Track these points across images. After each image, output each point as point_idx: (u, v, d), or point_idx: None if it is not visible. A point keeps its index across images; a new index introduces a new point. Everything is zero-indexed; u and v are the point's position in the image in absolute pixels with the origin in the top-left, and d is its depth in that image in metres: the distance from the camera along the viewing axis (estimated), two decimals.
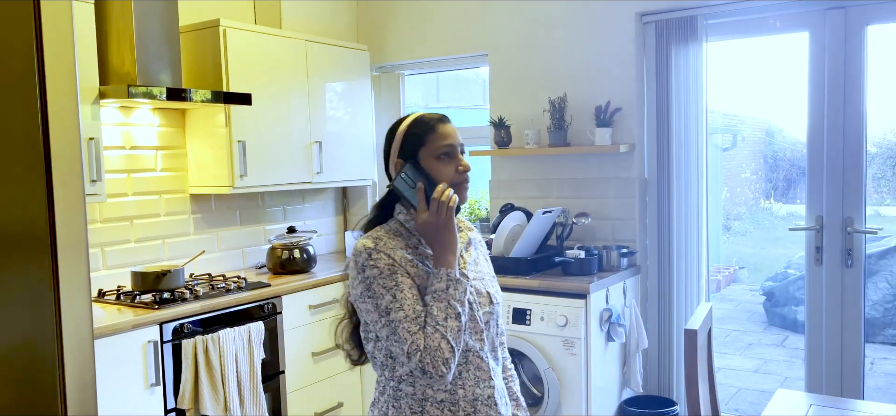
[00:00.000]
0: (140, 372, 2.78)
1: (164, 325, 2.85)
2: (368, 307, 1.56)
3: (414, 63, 4.34)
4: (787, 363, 5.37)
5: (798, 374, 5.04)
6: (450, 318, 1.53)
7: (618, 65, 3.58)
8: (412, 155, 1.64)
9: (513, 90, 3.90)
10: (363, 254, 1.57)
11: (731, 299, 6.20)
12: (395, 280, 1.54)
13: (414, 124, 1.66)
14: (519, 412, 1.77)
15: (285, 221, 4.15)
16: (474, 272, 1.70)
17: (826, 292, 3.26)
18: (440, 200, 1.57)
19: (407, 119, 1.69)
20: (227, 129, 3.44)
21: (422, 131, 1.64)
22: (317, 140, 3.89)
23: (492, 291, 1.70)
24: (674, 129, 3.45)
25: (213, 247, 3.78)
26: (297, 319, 3.43)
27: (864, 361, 3.26)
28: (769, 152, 5.09)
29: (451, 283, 1.55)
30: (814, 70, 3.23)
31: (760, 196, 5.23)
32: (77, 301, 1.03)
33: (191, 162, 3.62)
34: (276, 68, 3.67)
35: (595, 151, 3.57)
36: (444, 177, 1.62)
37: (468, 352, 1.61)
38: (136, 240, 3.43)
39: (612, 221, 3.67)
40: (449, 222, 1.59)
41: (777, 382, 5.03)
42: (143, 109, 3.42)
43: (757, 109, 4.94)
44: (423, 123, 1.66)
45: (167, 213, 3.56)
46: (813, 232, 3.29)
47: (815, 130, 3.25)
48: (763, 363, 5.39)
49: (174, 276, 3.07)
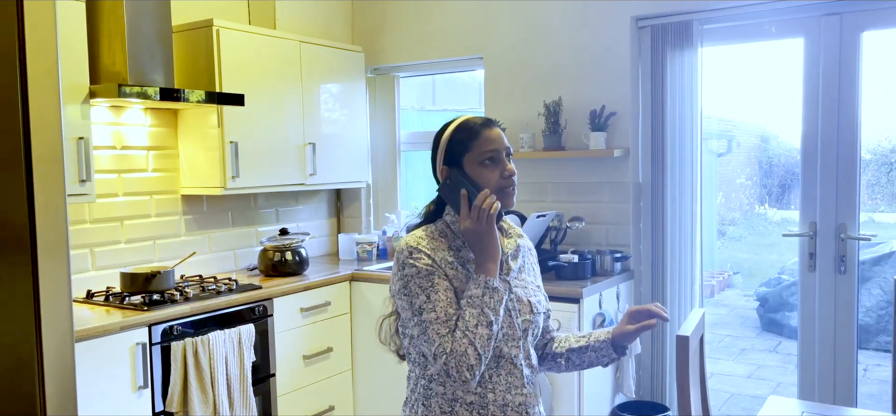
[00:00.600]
0: (128, 374, 2.75)
1: (153, 327, 2.82)
2: (404, 304, 1.60)
3: (409, 65, 4.32)
4: (780, 368, 5.37)
5: (791, 380, 5.03)
6: (481, 325, 1.54)
7: (613, 69, 3.57)
8: (457, 161, 1.65)
9: (508, 93, 3.88)
10: (404, 252, 1.61)
11: (725, 305, 6.21)
12: (432, 281, 1.56)
13: (458, 130, 1.67)
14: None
15: (278, 222, 4.13)
16: (517, 280, 1.70)
17: (819, 298, 3.26)
18: (481, 207, 1.58)
19: (452, 124, 1.70)
20: (220, 129, 3.42)
21: (466, 137, 1.65)
22: (310, 142, 3.87)
23: (534, 300, 1.70)
24: (668, 134, 3.44)
25: (205, 248, 3.75)
26: (288, 321, 3.40)
27: (857, 368, 3.25)
28: (764, 158, 5.10)
29: (487, 290, 1.56)
30: (809, 76, 3.23)
31: (755, 202, 5.25)
32: (57, 303, 1.01)
33: (182, 163, 3.59)
34: (269, 69, 3.65)
35: (590, 156, 3.56)
36: (489, 183, 1.63)
37: (501, 358, 1.62)
38: (127, 241, 3.40)
39: (606, 225, 3.66)
40: (490, 230, 1.59)
41: (770, 388, 5.03)
42: (134, 109, 3.39)
43: (752, 114, 4.94)
44: (468, 129, 1.66)
45: (158, 214, 3.53)
46: (806, 238, 3.28)
47: (809, 136, 3.25)
48: (756, 368, 5.39)
49: (164, 277, 3.05)
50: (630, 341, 1.71)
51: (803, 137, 3.26)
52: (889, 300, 4.47)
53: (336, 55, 4.05)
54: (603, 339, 1.74)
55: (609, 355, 1.73)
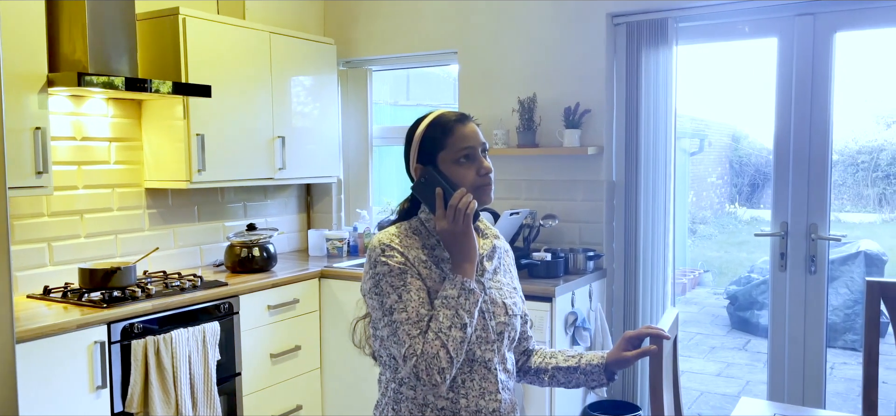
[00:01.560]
0: (85, 374, 2.65)
1: (112, 325, 2.72)
2: (374, 304, 1.55)
3: (382, 59, 4.25)
4: (750, 366, 5.42)
5: (760, 378, 5.07)
6: (455, 327, 1.49)
7: (588, 66, 3.54)
8: (431, 159, 1.60)
9: (482, 89, 3.84)
10: (376, 249, 1.55)
11: (696, 303, 6.24)
12: (404, 280, 1.51)
13: (432, 127, 1.61)
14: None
15: (246, 218, 4.03)
16: (492, 282, 1.65)
17: (790, 298, 3.26)
18: (457, 206, 1.53)
19: (425, 120, 1.63)
20: (186, 121, 3.32)
21: (440, 134, 1.60)
22: (280, 135, 3.78)
23: (509, 302, 1.65)
24: (643, 132, 3.42)
25: (170, 244, 3.64)
26: (255, 319, 3.32)
27: (826, 368, 3.27)
28: (735, 157, 5.14)
29: (463, 292, 1.51)
30: (782, 76, 3.23)
31: (725, 200, 5.27)
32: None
33: (146, 155, 3.48)
34: (238, 60, 3.55)
35: (564, 153, 3.53)
36: (465, 180, 1.58)
37: (473, 362, 1.57)
38: (87, 235, 3.28)
39: (579, 223, 3.63)
40: (467, 230, 1.54)
41: (739, 386, 5.06)
42: (95, 99, 3.28)
43: (724, 114, 4.97)
44: (442, 126, 1.60)
45: (120, 207, 3.42)
46: (778, 238, 3.28)
47: (781, 136, 3.25)
48: (726, 366, 5.43)
49: (125, 273, 2.94)
50: (626, 367, 1.67)
51: (776, 137, 3.26)
52: (855, 300, 4.52)
53: (307, 47, 3.97)
54: (596, 363, 1.68)
55: (600, 380, 1.67)
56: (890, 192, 3.92)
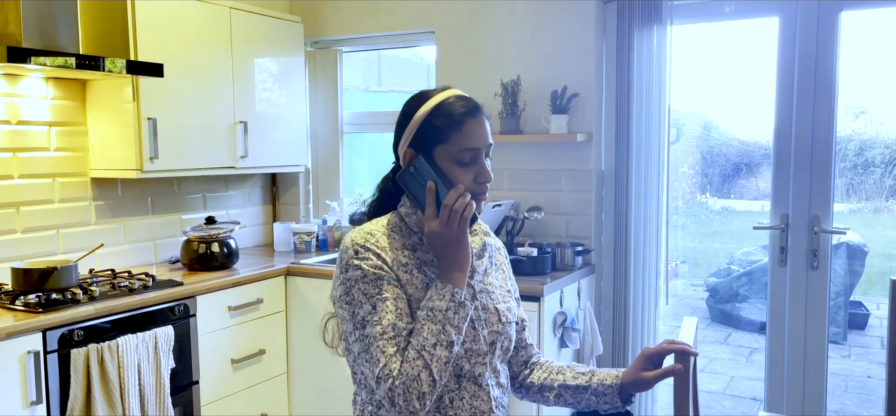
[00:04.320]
0: (18, 388, 2.33)
1: (48, 332, 2.40)
2: (345, 315, 1.32)
3: (353, 39, 3.96)
4: (733, 361, 5.30)
5: (745, 373, 4.93)
6: (440, 345, 1.25)
7: (576, 47, 3.30)
8: (427, 149, 1.34)
9: (462, 71, 3.57)
10: (349, 251, 1.33)
11: (673, 295, 6.12)
12: (379, 287, 1.29)
13: (437, 113, 1.35)
14: None
15: (205, 210, 3.72)
16: (482, 285, 1.41)
17: (790, 294, 3.07)
18: (453, 207, 1.29)
19: (431, 101, 1.37)
20: (135, 104, 3.00)
21: (445, 125, 1.34)
22: (241, 120, 3.47)
23: (502, 307, 1.41)
24: (634, 118, 3.20)
25: (120, 239, 3.32)
26: (214, 322, 3.02)
27: (828, 367, 3.09)
28: (706, 147, 5.06)
29: (453, 305, 1.28)
30: (783, 58, 3.02)
31: (697, 190, 5.19)
32: None
33: (92, 141, 3.15)
34: (193, 38, 3.23)
35: (550, 140, 3.29)
36: (462, 182, 1.34)
37: (461, 377, 1.34)
38: (24, 230, 2.95)
39: (566, 216, 3.40)
40: (461, 236, 1.31)
41: (724, 382, 4.91)
42: (32, 78, 2.94)
43: (697, 103, 4.89)
44: (449, 115, 1.34)
45: (62, 199, 3.09)
46: (777, 231, 3.09)
47: (782, 123, 3.04)
48: (708, 361, 5.29)
49: (64, 273, 2.62)
50: (645, 390, 1.43)
51: (776, 123, 3.06)
52: (837, 292, 4.38)
53: (271, 25, 3.66)
54: (609, 383, 1.44)
55: (614, 403, 1.44)
56: (857, 182, 3.84)
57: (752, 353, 5.38)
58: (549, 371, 1.52)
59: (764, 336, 3.12)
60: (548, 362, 1.55)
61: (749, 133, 4.60)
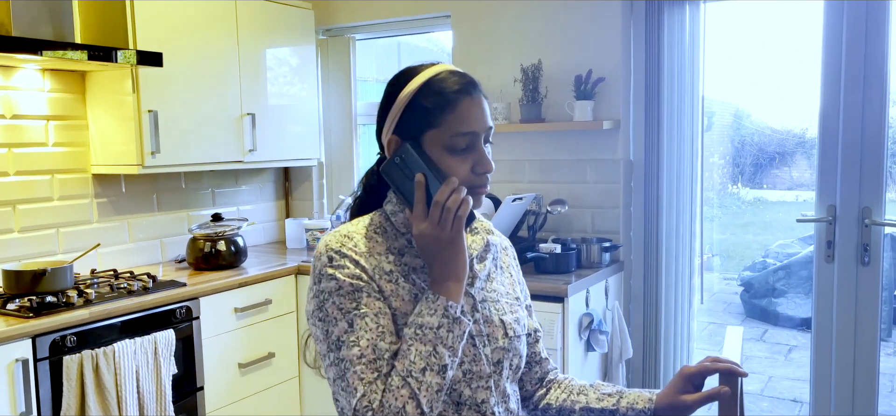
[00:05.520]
0: (6, 398, 2.20)
1: (38, 338, 2.26)
2: (318, 334, 1.12)
3: (366, 25, 3.77)
4: (770, 360, 5.05)
5: (782, 372, 4.67)
6: (430, 370, 1.05)
7: (601, 28, 3.07)
8: (414, 134, 1.14)
9: (479, 57, 3.37)
10: (322, 258, 1.13)
11: (706, 289, 5.89)
12: (357, 301, 1.09)
13: (426, 91, 1.14)
14: None
15: (214, 206, 3.57)
16: (484, 293, 1.21)
17: (838, 292, 2.82)
18: (446, 205, 1.08)
19: (418, 78, 1.16)
20: (135, 96, 2.85)
21: (436, 105, 1.13)
22: (249, 112, 3.31)
23: (509, 318, 1.20)
24: (665, 103, 2.97)
25: (124, 237, 3.19)
26: (219, 324, 2.87)
27: (879, 370, 2.84)
28: (737, 136, 4.85)
29: (446, 321, 1.07)
30: (829, 42, 2.76)
31: (728, 181, 4.99)
32: None
33: (93, 136, 3.01)
34: (196, 26, 3.07)
35: (574, 128, 3.07)
36: (455, 174, 1.13)
37: (462, 406, 1.14)
38: (21, 230, 2.82)
39: (591, 209, 3.18)
40: (456, 238, 1.10)
41: (762, 383, 4.66)
42: (27, 70, 2.81)
43: (727, 91, 4.70)
44: (440, 94, 1.14)
45: (62, 197, 2.96)
46: (824, 224, 2.84)
47: (829, 108, 2.79)
48: (744, 360, 5.03)
49: (58, 275, 2.48)
50: (685, 415, 1.21)
51: (822, 111, 2.80)
52: (884, 286, 4.12)
53: (280, 12, 3.49)
54: (641, 407, 1.23)
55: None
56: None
57: (790, 351, 5.13)
58: (570, 391, 1.32)
59: (802, 333, 2.90)
60: (567, 379, 1.34)
61: (782, 121, 4.43)
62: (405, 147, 1.13)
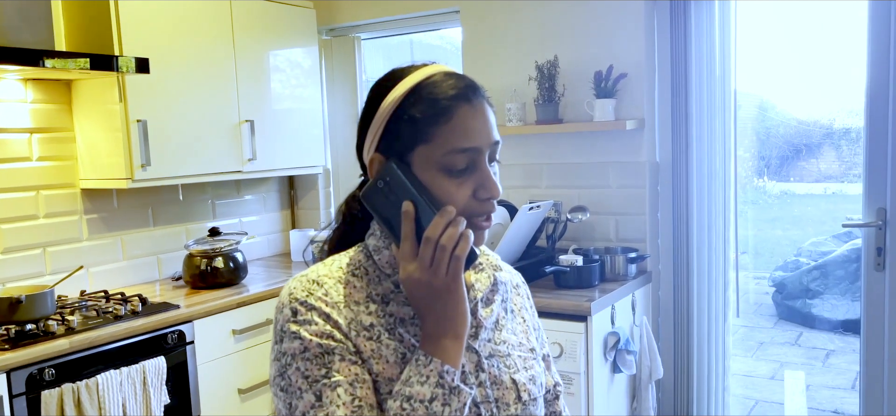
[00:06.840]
0: None
1: (13, 372, 2.08)
2: (280, 408, 0.90)
3: (371, 23, 3.57)
4: (807, 366, 4.77)
5: (821, 380, 4.39)
6: None
7: (623, 20, 2.84)
8: (401, 152, 0.91)
9: (491, 54, 3.15)
10: (285, 311, 0.91)
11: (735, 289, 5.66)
12: (327, 367, 0.87)
13: (414, 98, 0.92)
14: None
15: (214, 218, 3.39)
16: (492, 346, 0.97)
17: (890, 303, 2.57)
18: (439, 243, 0.86)
19: (406, 80, 0.93)
20: (122, 105, 2.67)
21: (426, 116, 0.91)
22: (247, 119, 3.12)
23: (522, 377, 0.97)
24: (694, 100, 2.73)
25: (117, 255, 3.01)
26: (215, 348, 2.68)
27: None
28: (762, 128, 4.72)
29: (442, 391, 0.85)
30: (875, 28, 2.51)
31: (754, 174, 4.82)
32: None
33: (80, 149, 2.84)
34: (189, 29, 2.88)
35: (594, 129, 2.85)
36: (453, 199, 0.90)
37: None
38: (4, 251, 2.65)
39: (615, 216, 2.95)
40: (453, 284, 0.87)
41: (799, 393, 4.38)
42: (8, 80, 2.63)
43: (751, 81, 4.49)
44: (431, 100, 0.91)
45: (49, 214, 2.78)
46: (874, 230, 2.58)
47: (876, 100, 2.53)
48: (778, 366, 4.76)
49: (37, 301, 2.30)
50: None
51: (868, 102, 2.55)
52: None
53: (279, 12, 3.29)
54: None
55: None
56: None
57: (828, 356, 4.84)
58: None
59: (841, 336, 2.67)
60: None
61: (809, 112, 4.27)
62: (390, 167, 0.90)
